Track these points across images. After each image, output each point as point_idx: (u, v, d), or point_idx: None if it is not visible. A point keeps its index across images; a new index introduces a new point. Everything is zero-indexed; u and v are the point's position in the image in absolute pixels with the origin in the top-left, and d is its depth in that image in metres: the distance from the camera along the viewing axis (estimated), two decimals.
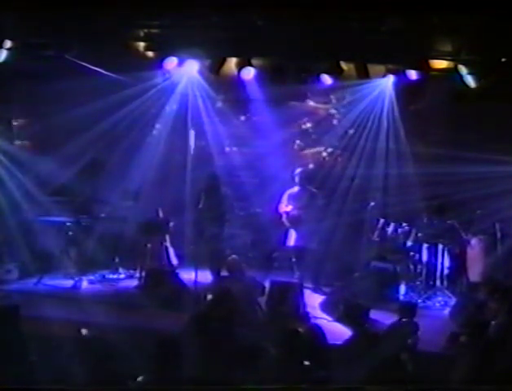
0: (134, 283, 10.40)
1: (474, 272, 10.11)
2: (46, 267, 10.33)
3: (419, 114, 11.88)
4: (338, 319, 8.51)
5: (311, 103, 12.36)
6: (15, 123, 11.19)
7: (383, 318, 9.05)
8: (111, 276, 10.79)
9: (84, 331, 5.41)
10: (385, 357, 5.98)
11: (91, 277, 10.50)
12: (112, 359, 5.78)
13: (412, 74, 10.61)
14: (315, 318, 8.80)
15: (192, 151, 12.27)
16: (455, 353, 6.51)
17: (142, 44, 10.62)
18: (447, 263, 10.45)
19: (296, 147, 12.60)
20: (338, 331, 7.48)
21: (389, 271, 10.29)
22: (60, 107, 10.67)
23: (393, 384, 5.37)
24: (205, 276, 10.17)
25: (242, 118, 12.69)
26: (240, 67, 10.93)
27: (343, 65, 10.68)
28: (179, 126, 12.15)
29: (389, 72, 10.84)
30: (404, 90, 11.22)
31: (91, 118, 10.89)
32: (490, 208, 10.30)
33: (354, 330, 7.05)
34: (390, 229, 10.61)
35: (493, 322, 7.21)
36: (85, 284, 10.32)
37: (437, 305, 10.07)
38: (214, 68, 11.05)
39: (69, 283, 10.21)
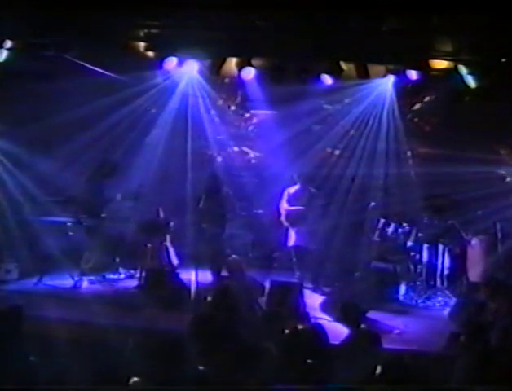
0: (134, 283, 10.40)
1: (475, 272, 10.11)
2: (46, 267, 10.32)
3: (419, 114, 11.89)
4: (338, 319, 8.50)
5: (311, 103, 12.35)
6: (15, 123, 11.17)
7: (383, 318, 9.10)
8: (111, 276, 10.79)
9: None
10: (383, 357, 5.98)
11: (91, 277, 10.50)
12: (112, 359, 5.78)
13: (412, 74, 10.61)
14: (315, 318, 8.79)
15: (192, 151, 12.28)
16: (455, 353, 6.50)
17: (142, 44, 10.61)
18: (447, 263, 10.47)
19: (296, 147, 12.60)
20: (339, 332, 7.46)
21: (389, 271, 10.30)
22: (60, 108, 10.68)
23: (393, 384, 5.36)
24: (205, 276, 10.17)
25: (242, 118, 12.70)
26: (240, 67, 10.93)
27: (343, 65, 10.68)
28: (180, 126, 12.15)
29: (389, 72, 10.84)
30: (404, 90, 11.23)
31: (91, 118, 10.90)
32: (490, 208, 10.31)
33: (350, 330, 7.04)
34: (390, 229, 10.61)
35: (493, 323, 7.21)
36: (85, 284, 10.32)
37: (437, 305, 10.08)
38: (214, 68, 11.06)
39: (69, 283, 10.21)
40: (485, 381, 5.74)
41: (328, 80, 10.94)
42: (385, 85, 11.25)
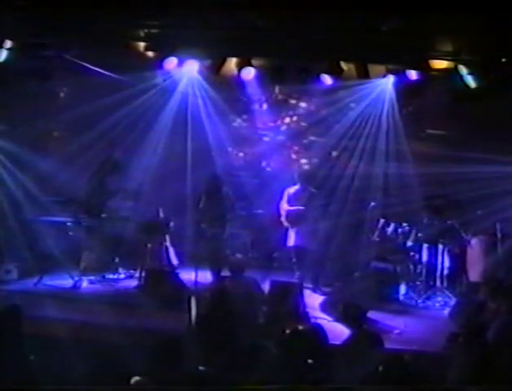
0: (134, 283, 10.40)
1: (474, 272, 10.11)
2: (46, 267, 10.32)
3: (419, 114, 11.88)
4: (338, 319, 8.51)
5: (311, 103, 12.35)
6: (15, 123, 11.17)
7: (383, 318, 9.10)
8: (111, 276, 10.79)
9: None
10: (383, 357, 5.98)
11: (91, 277, 10.49)
12: (112, 359, 5.78)
13: (412, 74, 10.60)
14: (315, 318, 8.80)
15: (192, 151, 12.27)
16: (455, 353, 6.50)
17: (142, 44, 10.61)
18: (447, 263, 10.46)
19: (296, 146, 12.60)
20: (338, 332, 7.47)
21: (389, 271, 10.29)
22: (60, 108, 10.68)
23: (393, 384, 5.36)
24: (205, 276, 10.17)
25: (242, 118, 12.69)
26: (240, 67, 10.93)
27: (343, 65, 10.68)
28: (180, 126, 12.14)
29: (389, 72, 10.84)
30: (404, 90, 11.22)
31: (91, 118, 10.89)
32: (490, 208, 10.30)
33: (352, 330, 7.04)
34: (390, 229, 10.60)
35: (493, 323, 7.20)
36: (85, 284, 10.32)
37: (437, 305, 10.08)
38: (214, 68, 11.05)
39: (69, 283, 10.21)
40: (485, 381, 5.74)
41: (328, 80, 10.93)
42: (385, 85, 11.24)
